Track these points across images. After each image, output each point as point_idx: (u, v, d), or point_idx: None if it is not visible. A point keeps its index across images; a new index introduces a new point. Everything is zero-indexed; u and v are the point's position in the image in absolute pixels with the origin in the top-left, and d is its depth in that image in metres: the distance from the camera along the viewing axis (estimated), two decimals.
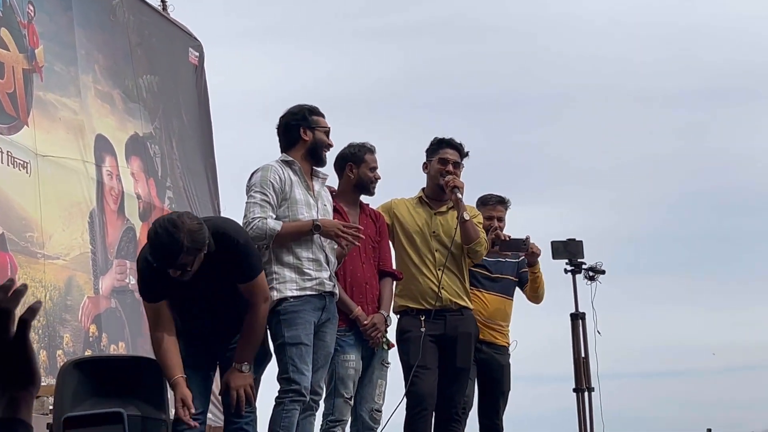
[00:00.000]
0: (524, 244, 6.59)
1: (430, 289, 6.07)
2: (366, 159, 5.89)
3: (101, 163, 8.14)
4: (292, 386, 5.19)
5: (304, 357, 5.23)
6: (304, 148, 5.49)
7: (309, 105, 5.59)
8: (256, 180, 5.39)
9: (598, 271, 6.95)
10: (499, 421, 6.74)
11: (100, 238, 7.89)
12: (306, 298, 5.30)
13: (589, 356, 6.89)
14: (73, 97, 7.96)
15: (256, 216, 5.29)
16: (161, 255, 4.82)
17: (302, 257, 5.35)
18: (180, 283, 4.93)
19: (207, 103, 10.04)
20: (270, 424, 5.25)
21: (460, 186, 6.09)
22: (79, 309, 7.51)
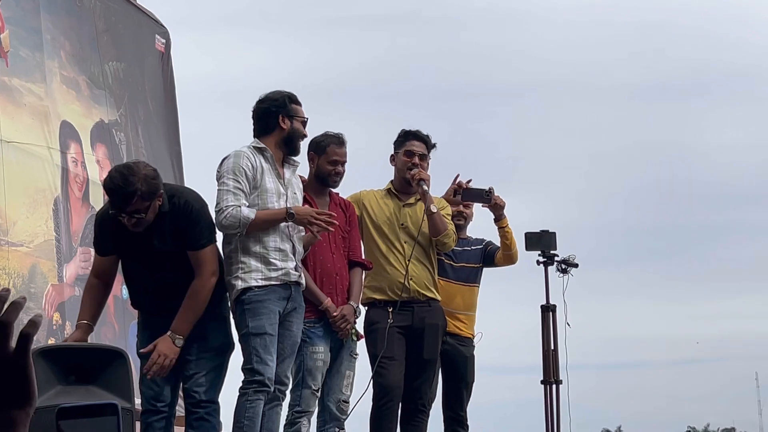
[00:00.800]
0: (487, 194, 6.48)
1: (397, 281, 6.08)
2: (328, 151, 5.84)
3: (66, 149, 8.06)
4: (256, 377, 5.18)
5: (268, 347, 5.21)
6: (280, 136, 5.45)
7: (289, 92, 5.54)
8: (228, 166, 5.34)
9: (571, 264, 6.96)
10: (464, 413, 6.77)
11: (64, 226, 7.82)
12: (271, 287, 5.28)
13: (558, 349, 6.91)
14: (38, 82, 7.88)
15: (230, 204, 5.25)
16: (116, 198, 4.86)
17: (269, 247, 5.32)
18: (131, 240, 4.99)
19: (173, 90, 9.97)
20: (234, 415, 5.23)
21: (426, 178, 6.09)
22: (42, 297, 7.44)
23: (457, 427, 6.75)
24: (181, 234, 5.02)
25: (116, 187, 4.85)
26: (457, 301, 6.69)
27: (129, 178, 4.83)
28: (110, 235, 5.07)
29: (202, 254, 5.06)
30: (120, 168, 4.95)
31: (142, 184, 4.84)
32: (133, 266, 5.20)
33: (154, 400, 5.16)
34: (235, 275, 5.29)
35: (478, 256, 6.81)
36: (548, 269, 6.96)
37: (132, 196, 4.83)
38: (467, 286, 6.75)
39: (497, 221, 6.64)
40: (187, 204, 5.05)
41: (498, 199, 6.51)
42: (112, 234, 5.05)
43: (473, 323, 6.83)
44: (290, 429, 5.59)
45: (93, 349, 5.57)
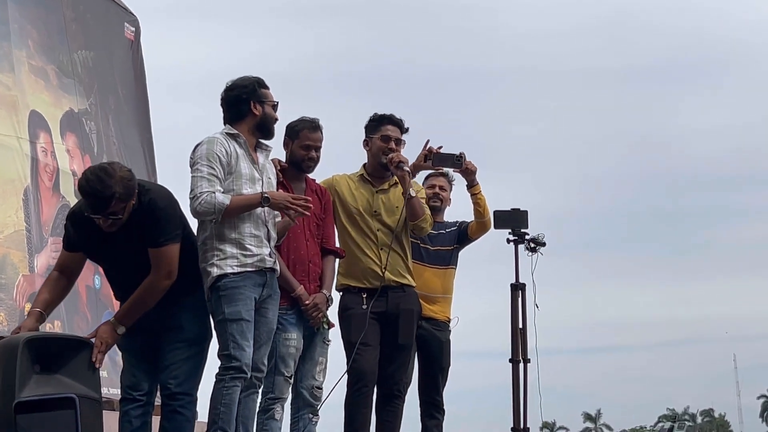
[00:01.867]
0: (458, 159, 6.42)
1: (371, 269, 6.08)
2: (301, 135, 5.83)
3: (35, 139, 8.02)
4: (233, 363, 5.17)
5: (244, 333, 5.21)
6: (253, 122, 5.43)
7: (256, 77, 5.50)
8: (202, 153, 5.31)
9: (539, 243, 6.95)
10: (440, 398, 6.78)
11: (35, 216, 7.78)
12: (246, 274, 5.27)
13: (527, 328, 6.92)
14: (6, 72, 7.82)
15: (204, 190, 5.23)
16: (93, 201, 4.85)
17: (244, 233, 5.31)
18: (101, 239, 4.98)
19: (143, 78, 9.93)
20: (211, 401, 5.22)
21: (405, 161, 6.09)
22: (13, 287, 7.40)
23: (434, 411, 6.75)
24: (144, 231, 5.00)
25: (93, 191, 4.82)
26: (432, 285, 6.69)
27: (106, 181, 4.81)
28: (80, 233, 5.06)
29: (160, 252, 5.01)
30: (96, 170, 4.89)
31: (119, 187, 4.82)
32: (105, 264, 5.24)
33: (130, 389, 5.14)
34: (210, 262, 5.27)
35: (453, 238, 6.81)
36: (518, 248, 6.95)
37: (110, 200, 4.82)
38: (443, 269, 6.76)
39: (470, 187, 6.61)
40: (152, 202, 5.01)
41: (469, 164, 6.47)
42: (82, 232, 5.04)
43: (449, 306, 6.83)
44: (264, 416, 5.59)
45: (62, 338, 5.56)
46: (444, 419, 6.80)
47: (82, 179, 4.90)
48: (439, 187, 6.85)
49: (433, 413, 6.75)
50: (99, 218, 4.88)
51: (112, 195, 4.81)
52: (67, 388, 4.74)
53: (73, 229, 5.08)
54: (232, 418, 5.21)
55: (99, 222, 4.89)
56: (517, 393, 6.85)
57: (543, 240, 6.97)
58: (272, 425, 5.60)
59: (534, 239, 6.95)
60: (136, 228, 4.98)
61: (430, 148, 6.40)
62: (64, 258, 5.19)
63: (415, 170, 6.46)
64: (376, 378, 6.07)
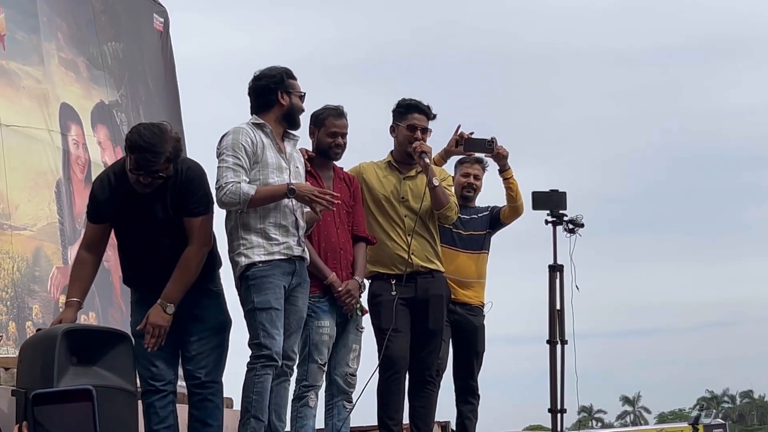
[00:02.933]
0: (490, 143, 6.38)
1: (398, 255, 6.05)
2: (326, 123, 5.81)
3: (67, 131, 8.05)
4: (263, 351, 5.18)
5: (274, 321, 5.21)
6: (280, 111, 5.43)
7: (285, 67, 5.50)
8: (228, 143, 5.32)
9: (578, 224, 6.90)
10: (475, 383, 6.76)
11: (67, 208, 7.81)
12: (275, 262, 5.28)
13: (564, 309, 6.88)
14: (36, 65, 7.85)
15: (230, 180, 5.24)
16: (145, 156, 4.81)
17: (269, 222, 5.32)
18: (131, 208, 4.96)
19: (173, 69, 9.95)
20: (243, 390, 5.24)
21: (428, 151, 6.05)
22: (47, 280, 7.44)
23: (469, 396, 6.74)
24: (181, 200, 4.99)
25: (148, 145, 4.81)
26: (466, 270, 6.66)
27: (160, 137, 4.82)
28: (110, 202, 5.01)
29: (197, 222, 5.01)
30: (150, 126, 4.88)
31: (170, 146, 4.84)
32: (131, 236, 5.10)
33: (152, 380, 5.09)
34: (238, 252, 5.28)
35: (485, 223, 6.78)
36: (556, 229, 6.90)
37: (161, 156, 4.82)
38: (476, 253, 6.73)
39: (502, 172, 6.58)
40: (190, 170, 5.01)
41: (501, 149, 6.44)
42: (112, 201, 5.00)
43: (483, 291, 6.80)
44: (298, 403, 5.59)
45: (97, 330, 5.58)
46: (479, 404, 6.78)
47: (133, 134, 4.87)
48: (474, 176, 6.82)
49: (468, 398, 6.74)
50: (142, 175, 4.85)
51: (163, 152, 4.81)
52: (103, 380, 4.76)
53: (102, 198, 5.01)
54: (264, 406, 5.21)
55: (139, 180, 4.86)
56: (555, 374, 6.81)
57: (582, 221, 6.93)
58: (306, 413, 5.59)
59: (572, 220, 6.91)
60: (173, 197, 4.98)
61: (462, 133, 6.37)
62: (90, 232, 5.10)
63: (446, 155, 6.43)
64: (408, 364, 6.05)
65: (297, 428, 5.58)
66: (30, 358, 4.76)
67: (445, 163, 6.46)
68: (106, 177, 5.07)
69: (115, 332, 5.09)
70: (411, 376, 6.14)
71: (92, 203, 5.06)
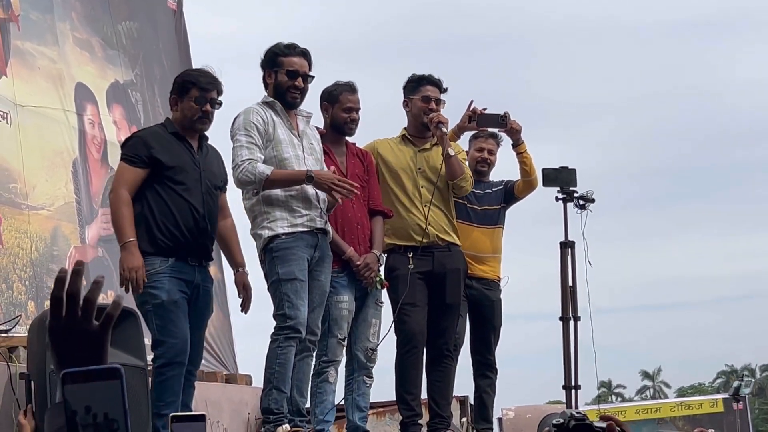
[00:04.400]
0: (503, 119, 6.39)
1: (417, 225, 6.06)
2: (341, 99, 5.81)
3: (82, 111, 8.06)
4: (288, 322, 5.19)
5: (299, 292, 5.24)
6: (272, 89, 5.50)
7: (277, 44, 5.51)
8: (239, 123, 5.37)
9: (588, 200, 6.90)
10: (492, 357, 6.76)
11: (84, 188, 7.83)
12: (298, 234, 5.30)
13: (576, 285, 6.88)
14: (50, 45, 7.85)
15: (245, 158, 5.27)
16: (212, 79, 5.13)
17: (292, 195, 5.34)
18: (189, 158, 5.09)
19: (187, 48, 9.94)
20: (266, 361, 5.25)
21: (445, 122, 6.05)
22: (66, 259, 7.46)
23: (486, 371, 6.74)
24: (217, 167, 5.27)
25: (206, 71, 5.18)
26: (481, 245, 6.65)
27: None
28: (156, 144, 5.05)
29: (225, 196, 5.37)
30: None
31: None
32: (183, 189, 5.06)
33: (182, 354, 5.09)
34: (261, 225, 5.32)
35: (500, 197, 6.77)
36: (567, 206, 6.90)
37: (220, 84, 5.17)
38: (491, 228, 6.72)
39: (515, 146, 6.58)
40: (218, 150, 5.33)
41: (514, 123, 6.44)
42: (167, 146, 5.07)
43: (499, 265, 6.79)
44: (318, 379, 5.59)
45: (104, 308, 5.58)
46: (497, 378, 6.78)
47: (187, 72, 5.36)
48: (488, 150, 6.80)
49: (485, 373, 6.74)
50: (209, 102, 5.09)
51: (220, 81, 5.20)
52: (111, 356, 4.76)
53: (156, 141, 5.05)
54: (287, 378, 5.23)
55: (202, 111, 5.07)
56: (568, 351, 6.82)
57: (592, 196, 6.92)
58: (326, 388, 5.60)
59: (583, 196, 6.90)
60: (217, 165, 5.27)
61: (474, 109, 6.36)
62: (133, 176, 5.00)
63: (459, 131, 6.42)
64: (425, 338, 6.05)
65: (317, 404, 5.59)
66: (32, 340, 4.80)
67: (458, 139, 6.45)
68: (155, 128, 5.24)
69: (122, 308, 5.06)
70: (429, 350, 6.14)
71: (136, 147, 5.04)
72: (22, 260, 6.98)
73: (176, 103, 5.14)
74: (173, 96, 5.16)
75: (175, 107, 5.16)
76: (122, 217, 4.92)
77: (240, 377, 7.95)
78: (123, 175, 5.01)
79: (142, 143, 5.02)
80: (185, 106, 5.11)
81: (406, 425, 6.04)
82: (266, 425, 5.27)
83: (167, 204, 5.01)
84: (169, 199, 5.02)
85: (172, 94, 5.18)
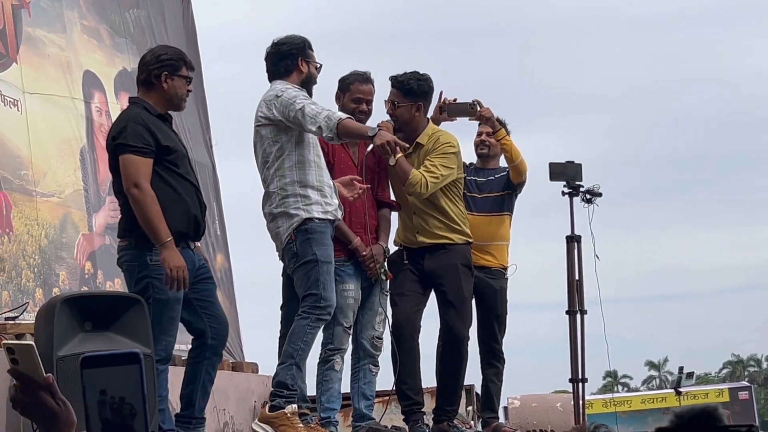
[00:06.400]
0: (472, 107, 6.34)
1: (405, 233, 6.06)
2: (351, 88, 5.81)
3: (90, 99, 8.07)
4: (322, 303, 5.24)
5: (332, 276, 5.30)
6: (299, 78, 5.46)
7: (305, 38, 5.54)
8: (292, 94, 5.35)
9: (595, 194, 6.91)
10: (498, 346, 6.72)
11: (92, 175, 7.85)
12: (327, 222, 5.37)
13: (583, 279, 6.89)
14: (59, 32, 7.87)
15: (323, 109, 5.28)
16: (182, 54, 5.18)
17: (323, 182, 5.38)
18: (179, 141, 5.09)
19: (195, 36, 9.94)
20: (290, 335, 5.26)
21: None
22: (74, 246, 7.48)
23: (492, 359, 6.71)
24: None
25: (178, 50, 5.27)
26: (481, 233, 6.56)
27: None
28: (156, 130, 4.96)
29: None
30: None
31: None
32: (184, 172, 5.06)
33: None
34: (295, 206, 5.33)
35: (502, 184, 6.69)
36: (573, 200, 6.91)
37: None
38: (494, 216, 6.66)
39: (493, 134, 6.55)
40: None
41: (484, 111, 6.37)
42: (158, 129, 4.97)
43: (504, 253, 6.74)
44: (324, 367, 5.61)
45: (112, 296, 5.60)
46: (504, 368, 6.76)
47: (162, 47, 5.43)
48: (486, 133, 6.75)
49: (492, 362, 6.72)
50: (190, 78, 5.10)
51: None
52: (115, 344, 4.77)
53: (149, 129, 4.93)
54: (306, 357, 5.28)
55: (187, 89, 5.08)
56: (575, 344, 6.84)
57: (599, 190, 6.93)
58: (332, 376, 5.62)
59: (589, 190, 6.91)
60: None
61: (445, 99, 6.30)
62: (147, 168, 4.91)
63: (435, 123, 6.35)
64: (416, 327, 6.01)
65: (323, 391, 5.60)
66: (39, 327, 4.83)
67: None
68: (139, 111, 5.01)
69: (127, 296, 5.04)
70: (439, 341, 6.16)
71: (138, 138, 4.91)
72: (31, 247, 7.00)
73: (165, 80, 5.02)
74: (164, 72, 5.02)
75: (164, 84, 5.02)
76: (156, 216, 4.83)
77: (246, 365, 7.97)
78: (140, 169, 4.87)
79: (147, 131, 4.91)
80: (177, 84, 5.04)
81: (407, 414, 6.05)
82: (276, 398, 5.28)
83: (176, 191, 4.98)
84: (177, 185, 4.99)
85: (162, 71, 5.02)
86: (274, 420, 5.22)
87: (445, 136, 6.11)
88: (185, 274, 4.82)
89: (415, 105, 6.00)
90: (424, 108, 6.07)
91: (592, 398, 20.40)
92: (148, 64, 5.09)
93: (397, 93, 6.01)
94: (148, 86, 5.06)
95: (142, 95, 5.10)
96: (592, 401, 14.32)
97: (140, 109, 5.00)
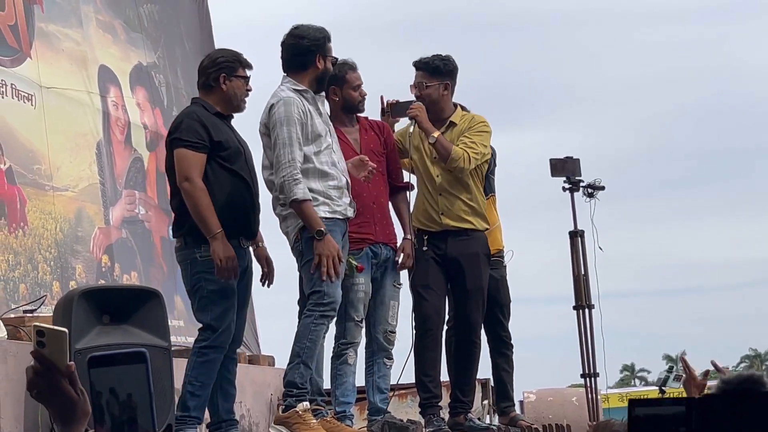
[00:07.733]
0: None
1: (429, 214, 6.01)
2: (348, 78, 5.79)
3: (106, 93, 8.09)
4: (325, 299, 5.22)
5: (339, 273, 5.27)
6: (315, 75, 5.40)
7: (326, 31, 5.47)
8: (281, 116, 5.25)
9: (597, 188, 6.91)
10: (505, 332, 6.69)
11: (108, 169, 7.88)
12: (335, 221, 5.33)
13: (588, 273, 6.88)
14: (74, 27, 7.89)
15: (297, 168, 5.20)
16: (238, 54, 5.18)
17: (330, 185, 5.34)
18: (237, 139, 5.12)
19: (209, 30, 9.95)
20: (297, 335, 5.26)
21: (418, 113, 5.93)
22: (90, 240, 7.51)
23: (501, 347, 6.68)
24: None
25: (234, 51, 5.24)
26: None
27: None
28: (212, 127, 5.00)
29: None
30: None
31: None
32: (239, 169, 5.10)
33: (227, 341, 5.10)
34: None
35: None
36: (574, 195, 6.91)
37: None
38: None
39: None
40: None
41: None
42: (213, 126, 5.02)
43: (498, 237, 6.65)
44: (337, 361, 5.61)
45: (129, 289, 5.61)
46: (513, 353, 6.73)
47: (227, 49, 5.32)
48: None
49: (501, 350, 6.69)
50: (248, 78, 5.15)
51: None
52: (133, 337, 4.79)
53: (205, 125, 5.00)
54: (314, 355, 5.27)
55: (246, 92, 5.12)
56: (584, 339, 6.84)
57: (601, 184, 6.92)
58: (346, 369, 5.62)
59: (591, 185, 6.91)
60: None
61: (388, 102, 6.21)
62: (200, 162, 4.98)
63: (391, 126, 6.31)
64: (442, 320, 6.02)
65: (337, 385, 5.61)
66: (57, 320, 4.85)
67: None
68: (196, 108, 5.08)
69: (145, 289, 5.09)
70: (454, 334, 6.14)
71: (194, 134, 4.97)
72: (47, 241, 7.03)
73: (223, 82, 5.08)
74: (222, 74, 5.08)
75: (223, 85, 5.08)
76: (206, 208, 4.89)
77: (263, 358, 7.99)
78: (191, 162, 4.94)
79: (202, 126, 4.97)
80: (236, 84, 5.11)
81: (424, 407, 6.05)
82: (288, 398, 5.29)
83: (230, 187, 5.03)
84: (230, 182, 5.03)
85: (220, 72, 5.09)
86: (287, 420, 5.23)
87: (479, 116, 6.14)
88: (235, 264, 4.90)
89: (443, 84, 6.04)
90: (451, 86, 6.08)
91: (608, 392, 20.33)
92: (207, 68, 5.16)
93: (424, 74, 6.03)
94: (208, 89, 5.14)
95: (202, 97, 5.18)
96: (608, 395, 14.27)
97: (198, 107, 5.11)
